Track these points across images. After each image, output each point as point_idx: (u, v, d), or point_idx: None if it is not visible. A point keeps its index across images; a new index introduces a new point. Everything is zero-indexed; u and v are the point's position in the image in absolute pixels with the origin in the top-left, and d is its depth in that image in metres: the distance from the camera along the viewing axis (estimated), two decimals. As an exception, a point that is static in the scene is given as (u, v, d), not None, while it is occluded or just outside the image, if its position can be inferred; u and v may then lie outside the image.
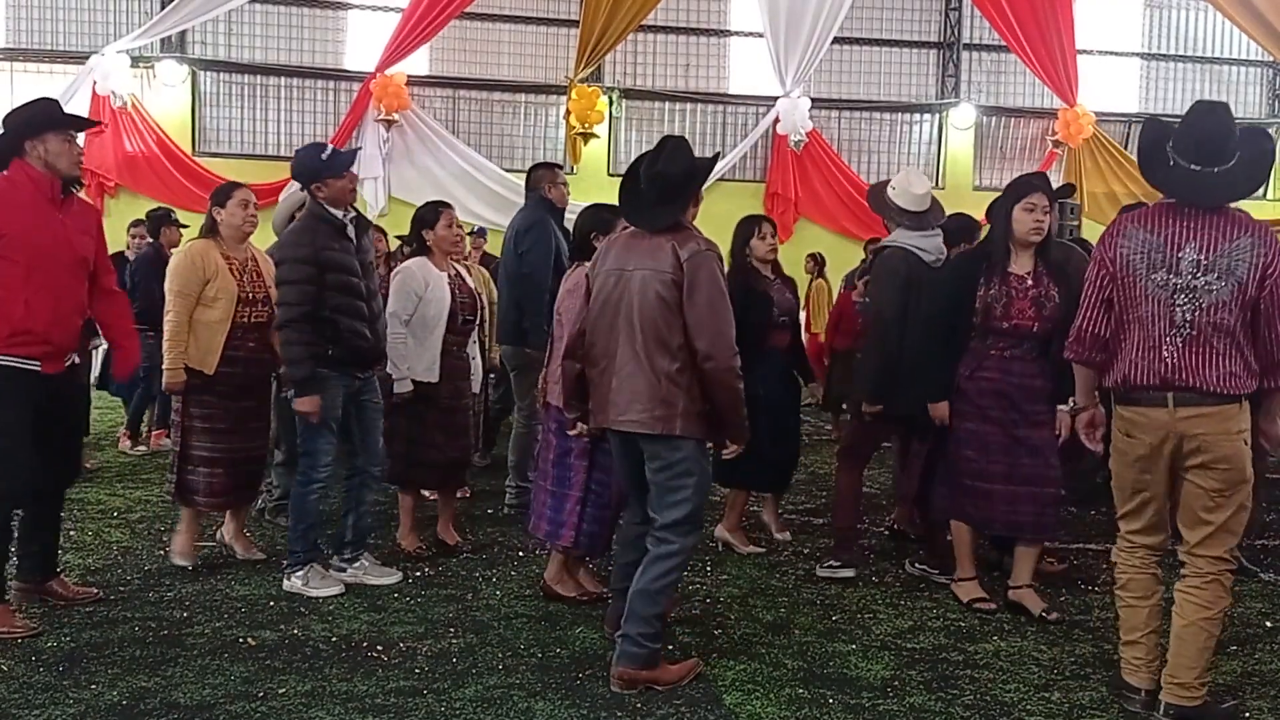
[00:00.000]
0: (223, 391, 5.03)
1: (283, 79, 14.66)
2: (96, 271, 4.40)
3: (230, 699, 3.63)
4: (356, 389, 4.87)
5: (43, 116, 4.24)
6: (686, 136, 4.58)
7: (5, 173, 4.18)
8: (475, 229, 9.73)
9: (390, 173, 14.26)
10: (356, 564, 4.98)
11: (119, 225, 9.50)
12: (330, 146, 5.09)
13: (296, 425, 4.91)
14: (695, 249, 3.76)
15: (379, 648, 4.14)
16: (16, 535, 4.47)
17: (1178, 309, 3.42)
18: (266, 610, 4.56)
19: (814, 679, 3.93)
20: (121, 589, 4.80)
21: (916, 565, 5.30)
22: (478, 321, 5.65)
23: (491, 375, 6.94)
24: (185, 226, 8.16)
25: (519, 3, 15.13)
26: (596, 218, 4.80)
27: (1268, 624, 4.62)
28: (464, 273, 5.64)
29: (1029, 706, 3.73)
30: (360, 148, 4.23)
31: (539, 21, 15.21)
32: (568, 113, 14.82)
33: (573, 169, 14.83)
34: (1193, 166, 3.40)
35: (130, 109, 13.63)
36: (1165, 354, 3.43)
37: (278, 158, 14.32)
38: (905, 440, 5.49)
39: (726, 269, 4.05)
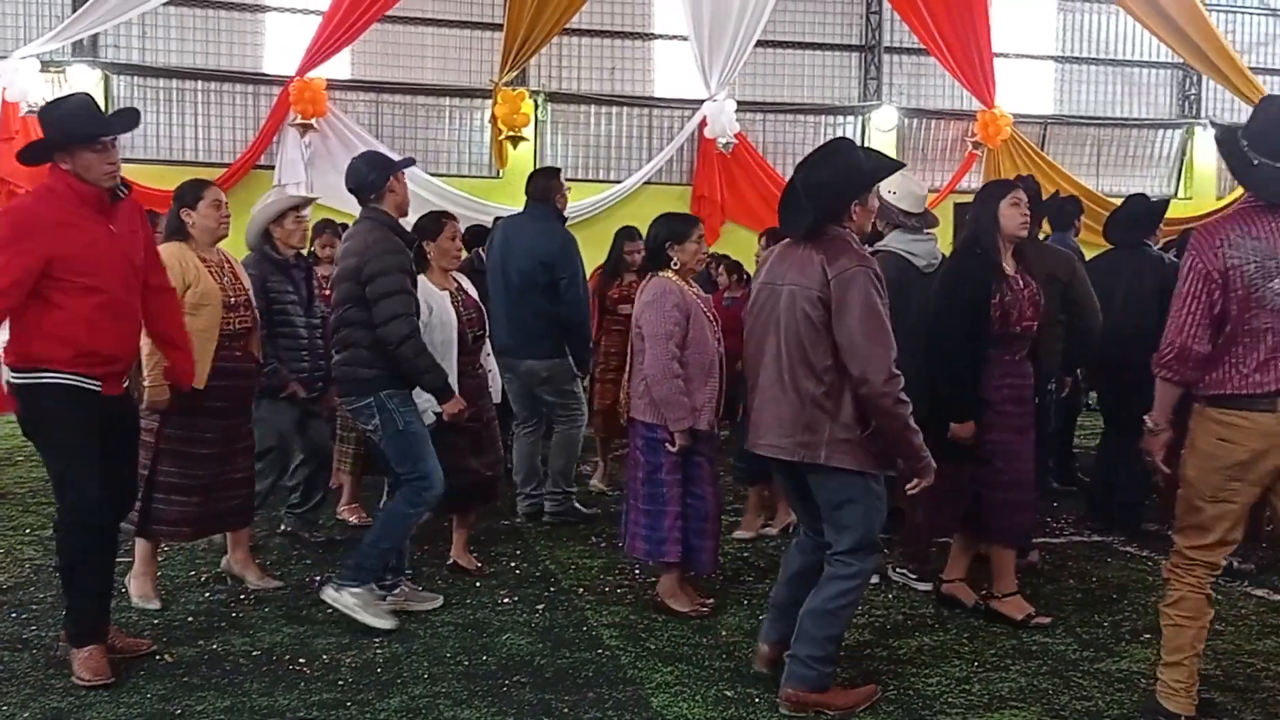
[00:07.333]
0: (212, 409, 4.61)
1: (199, 83, 14.34)
2: (145, 268, 4.04)
3: (146, 718, 3.56)
4: None
5: (71, 128, 3.83)
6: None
7: (46, 182, 3.86)
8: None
9: (313, 178, 14.04)
10: (396, 590, 4.70)
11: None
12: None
13: (399, 449, 4.47)
14: (845, 265, 3.45)
15: (301, 660, 4.08)
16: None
17: None
18: (184, 626, 4.47)
19: (740, 678, 3.96)
20: (34, 607, 4.67)
21: (897, 571, 5.13)
22: (487, 334, 5.34)
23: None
24: None
25: (442, 6, 15.01)
26: (671, 227, 4.62)
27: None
28: (465, 284, 5.30)
29: (949, 699, 3.79)
30: (412, 157, 4.16)
31: (462, 25, 15.09)
32: (493, 117, 14.75)
33: (499, 173, 14.77)
34: (1277, 164, 3.31)
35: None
36: None
37: (196, 163, 13.99)
38: None
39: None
